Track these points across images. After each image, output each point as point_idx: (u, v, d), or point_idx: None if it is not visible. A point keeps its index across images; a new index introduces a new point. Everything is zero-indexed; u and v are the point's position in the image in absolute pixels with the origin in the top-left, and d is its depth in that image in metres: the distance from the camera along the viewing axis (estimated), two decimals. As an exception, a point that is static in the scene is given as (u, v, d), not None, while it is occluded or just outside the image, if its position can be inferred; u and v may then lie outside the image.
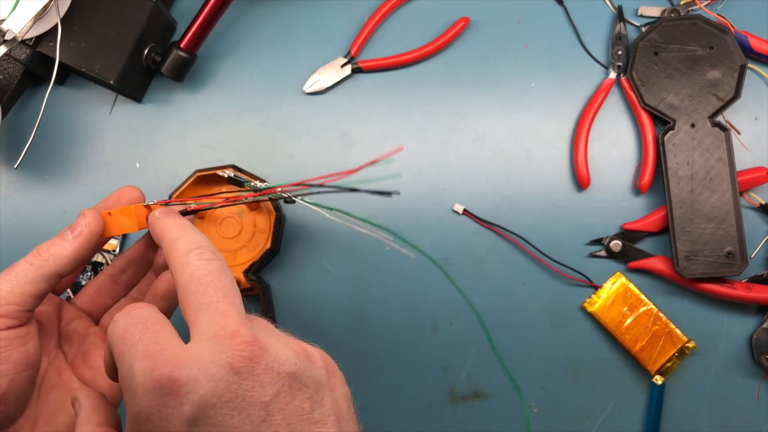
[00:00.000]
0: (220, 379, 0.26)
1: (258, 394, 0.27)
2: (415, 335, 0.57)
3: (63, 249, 0.36)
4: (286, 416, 0.27)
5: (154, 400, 0.25)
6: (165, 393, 0.25)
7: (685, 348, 0.55)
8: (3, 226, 0.58)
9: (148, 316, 0.29)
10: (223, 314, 0.28)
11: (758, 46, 0.56)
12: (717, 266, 0.54)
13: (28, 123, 0.58)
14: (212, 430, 0.25)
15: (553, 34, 0.59)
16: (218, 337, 0.27)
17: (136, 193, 0.40)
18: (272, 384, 0.27)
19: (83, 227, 0.37)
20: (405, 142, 0.58)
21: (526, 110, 0.58)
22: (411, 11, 0.59)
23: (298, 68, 0.59)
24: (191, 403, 0.25)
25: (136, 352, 0.27)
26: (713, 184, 0.54)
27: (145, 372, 0.26)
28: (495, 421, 0.57)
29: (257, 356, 0.27)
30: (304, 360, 0.29)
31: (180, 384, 0.26)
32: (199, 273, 0.30)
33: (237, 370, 0.27)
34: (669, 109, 0.56)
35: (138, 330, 0.28)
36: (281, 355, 0.28)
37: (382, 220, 0.57)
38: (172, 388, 0.26)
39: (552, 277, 0.57)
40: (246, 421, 0.26)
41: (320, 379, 0.30)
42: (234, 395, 0.26)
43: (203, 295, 0.29)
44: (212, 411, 0.26)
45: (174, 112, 0.59)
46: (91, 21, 0.53)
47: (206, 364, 0.26)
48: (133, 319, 0.29)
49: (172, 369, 0.26)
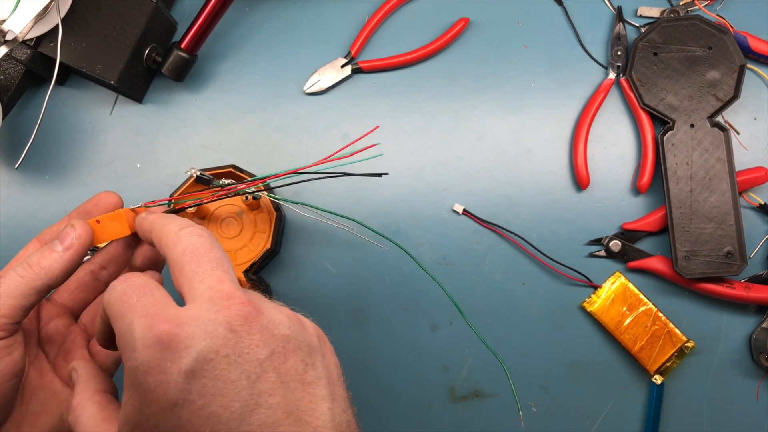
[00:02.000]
0: (218, 336, 0.27)
1: (254, 351, 0.27)
2: (414, 335, 0.57)
3: (54, 262, 0.36)
4: (280, 375, 0.28)
5: (154, 354, 0.26)
6: (164, 347, 0.26)
7: (685, 348, 0.55)
8: (3, 226, 0.58)
9: (145, 282, 0.30)
10: (218, 280, 0.29)
11: (757, 46, 0.56)
12: (716, 266, 0.54)
13: (29, 123, 0.58)
14: (209, 383, 0.26)
15: (553, 34, 0.59)
16: (214, 299, 0.28)
17: (114, 198, 0.40)
18: (267, 344, 0.28)
19: (74, 239, 0.36)
20: (405, 142, 0.58)
21: (525, 110, 0.58)
22: (411, 12, 0.60)
23: (299, 69, 0.59)
24: (189, 357, 0.26)
25: (135, 312, 0.27)
26: (712, 184, 0.55)
27: (144, 328, 0.27)
28: (495, 421, 0.57)
29: (253, 316, 0.28)
30: (297, 324, 0.30)
31: (179, 339, 0.26)
32: (192, 246, 0.31)
33: (233, 328, 0.27)
34: (668, 110, 0.56)
35: (135, 293, 0.29)
36: (275, 317, 0.29)
37: (382, 220, 0.58)
38: (171, 343, 0.26)
39: (551, 276, 0.57)
40: (242, 376, 0.27)
41: (312, 343, 0.30)
42: (231, 351, 0.27)
43: (198, 264, 0.30)
44: (210, 365, 0.26)
45: (174, 113, 0.59)
46: (92, 21, 0.53)
47: (204, 322, 0.27)
48: (131, 285, 0.29)
49: (171, 326, 0.26)
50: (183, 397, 0.26)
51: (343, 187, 0.58)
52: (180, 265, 0.30)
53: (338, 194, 0.58)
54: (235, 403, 0.26)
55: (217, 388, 0.26)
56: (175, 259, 0.31)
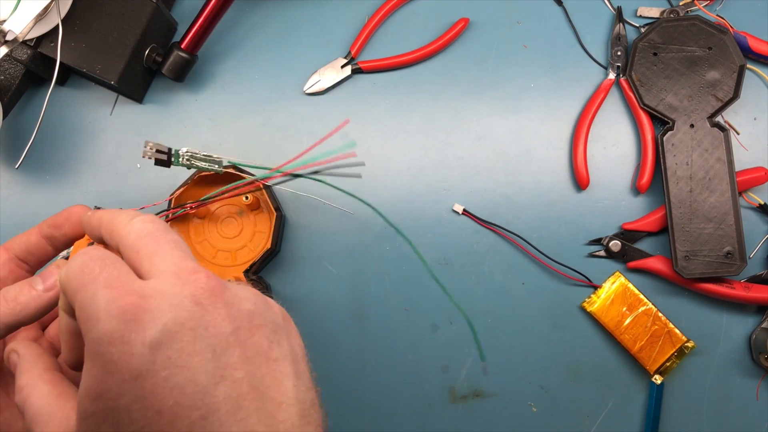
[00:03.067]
0: (183, 309, 0.27)
1: (219, 325, 0.27)
2: (414, 335, 0.57)
3: (32, 300, 0.34)
4: (245, 350, 0.28)
5: (118, 325, 0.26)
6: (129, 319, 0.26)
7: (685, 347, 0.56)
8: (3, 226, 0.58)
9: (105, 254, 0.29)
10: (180, 258, 0.29)
11: (757, 46, 0.56)
12: (716, 266, 0.54)
13: (29, 123, 0.58)
14: (174, 355, 0.26)
15: (553, 34, 0.59)
16: (179, 274, 0.28)
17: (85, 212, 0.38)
18: (233, 318, 0.28)
19: (56, 282, 0.35)
20: (405, 142, 0.58)
21: (525, 111, 0.59)
22: (411, 12, 0.60)
23: (299, 69, 0.59)
24: (155, 329, 0.26)
25: (99, 284, 0.27)
26: (712, 184, 0.55)
27: (109, 300, 0.26)
28: (494, 421, 0.57)
29: (219, 290, 0.28)
30: (262, 302, 0.30)
31: (144, 311, 0.26)
32: (147, 231, 0.30)
33: (199, 301, 0.27)
34: (668, 110, 0.56)
35: (97, 266, 0.28)
36: (241, 293, 0.29)
37: (382, 219, 0.58)
38: (137, 314, 0.26)
39: (551, 276, 0.57)
40: (207, 349, 0.26)
41: (277, 321, 0.30)
42: (197, 324, 0.27)
43: (156, 245, 0.29)
44: (175, 337, 0.26)
45: (175, 113, 0.59)
46: (92, 22, 0.53)
47: (170, 295, 0.27)
48: (91, 257, 0.28)
49: (137, 298, 0.26)
50: (147, 368, 0.25)
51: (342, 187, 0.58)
52: (136, 249, 0.30)
53: (338, 194, 0.58)
54: (200, 375, 0.26)
55: (181, 360, 0.26)
56: (130, 244, 0.30)
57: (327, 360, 0.56)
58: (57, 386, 0.30)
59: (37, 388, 0.30)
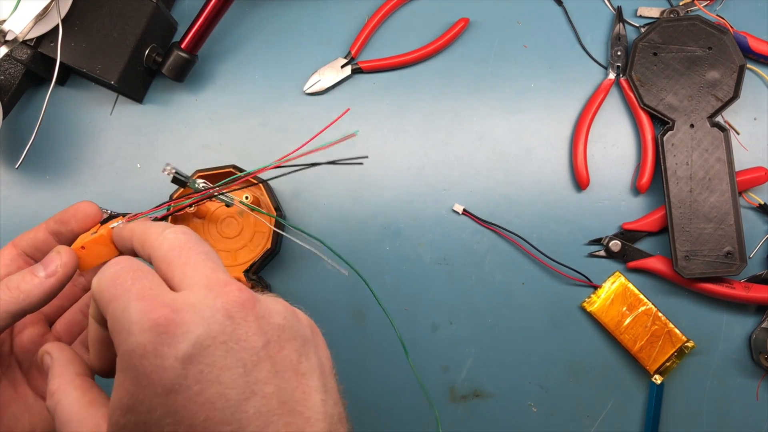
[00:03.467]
0: (215, 322, 0.27)
1: (251, 339, 0.27)
2: (414, 335, 0.57)
3: (34, 287, 0.34)
4: (275, 364, 0.28)
5: (151, 338, 0.26)
6: (161, 332, 0.26)
7: (684, 347, 0.56)
8: (3, 226, 0.58)
9: (138, 265, 0.29)
10: (212, 270, 0.29)
11: (757, 46, 0.56)
12: (716, 266, 0.54)
13: (29, 123, 0.58)
14: (205, 369, 0.26)
15: (553, 34, 0.59)
16: (211, 286, 0.28)
17: (93, 210, 0.38)
18: (264, 332, 0.28)
19: (58, 267, 0.35)
20: (405, 142, 0.58)
21: (525, 111, 0.59)
22: (411, 12, 0.60)
23: (299, 69, 0.59)
24: (187, 342, 0.26)
25: (131, 295, 0.27)
26: (712, 184, 0.55)
27: (141, 312, 0.26)
28: (494, 421, 0.57)
29: (250, 303, 0.28)
30: (292, 315, 0.30)
31: (177, 324, 0.26)
32: (179, 242, 0.30)
33: (231, 314, 0.27)
34: (668, 110, 0.56)
35: (129, 277, 0.28)
36: (272, 306, 0.29)
37: (382, 219, 0.58)
38: (169, 327, 0.26)
39: (551, 276, 0.57)
40: (238, 363, 0.26)
41: (306, 335, 0.30)
42: (228, 338, 0.27)
43: (188, 256, 0.29)
44: (207, 351, 0.26)
45: (175, 113, 0.59)
46: (92, 21, 0.53)
47: (201, 308, 0.27)
48: (123, 268, 0.28)
49: (169, 311, 0.26)
50: (179, 383, 0.25)
51: (342, 187, 0.58)
52: (168, 260, 0.30)
53: (338, 194, 0.58)
54: (231, 390, 0.26)
55: (213, 374, 0.26)
56: (162, 256, 0.30)
57: (327, 360, 0.56)
58: (88, 393, 0.30)
59: (68, 393, 0.30)
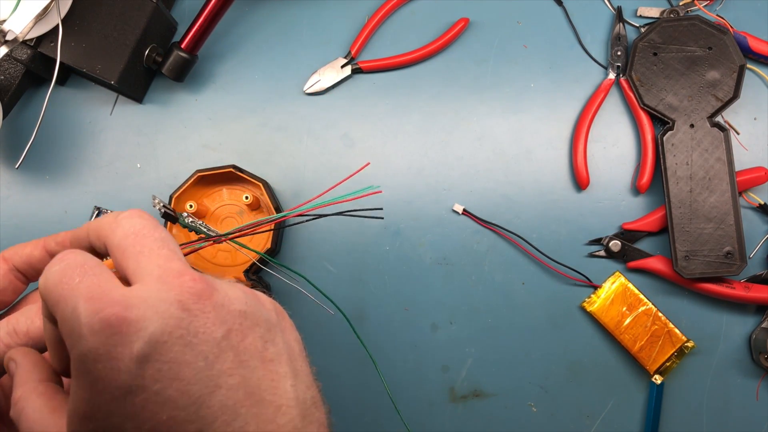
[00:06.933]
0: (170, 316, 0.25)
1: (209, 330, 0.26)
2: (414, 335, 0.57)
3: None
4: (238, 354, 0.26)
5: (102, 340, 0.24)
6: (113, 332, 0.24)
7: (684, 347, 0.56)
8: (3, 226, 0.58)
9: (84, 260, 0.27)
10: (166, 258, 0.27)
11: (757, 46, 0.56)
12: (716, 266, 0.54)
13: (29, 123, 0.58)
14: (164, 367, 0.25)
15: (553, 34, 0.59)
16: (164, 278, 0.26)
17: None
18: (223, 322, 0.26)
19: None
20: (405, 142, 0.58)
21: (525, 111, 0.58)
22: (411, 12, 0.60)
23: (299, 69, 0.59)
24: (142, 341, 0.24)
25: (79, 295, 0.25)
26: (712, 184, 0.55)
27: (90, 313, 0.25)
28: (494, 421, 0.57)
29: (206, 293, 0.26)
30: (253, 300, 0.29)
31: (129, 323, 0.24)
32: (133, 228, 0.28)
33: (186, 306, 0.26)
34: (668, 110, 0.56)
35: (76, 274, 0.26)
36: (230, 294, 0.28)
37: (382, 220, 0.58)
38: (121, 327, 0.24)
39: (551, 276, 0.57)
40: (198, 357, 0.25)
41: (271, 319, 0.29)
42: (185, 332, 0.25)
43: (142, 245, 0.28)
44: (163, 348, 0.25)
45: (175, 113, 0.59)
46: (92, 21, 0.53)
47: (154, 302, 0.25)
48: (69, 264, 0.27)
49: (120, 309, 0.25)
50: (136, 384, 0.24)
51: (342, 187, 0.58)
52: (122, 249, 0.28)
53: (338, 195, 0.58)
54: (193, 386, 0.25)
55: (172, 371, 0.25)
56: (116, 244, 0.28)
57: (327, 360, 0.56)
58: (51, 399, 0.29)
59: (31, 401, 0.29)
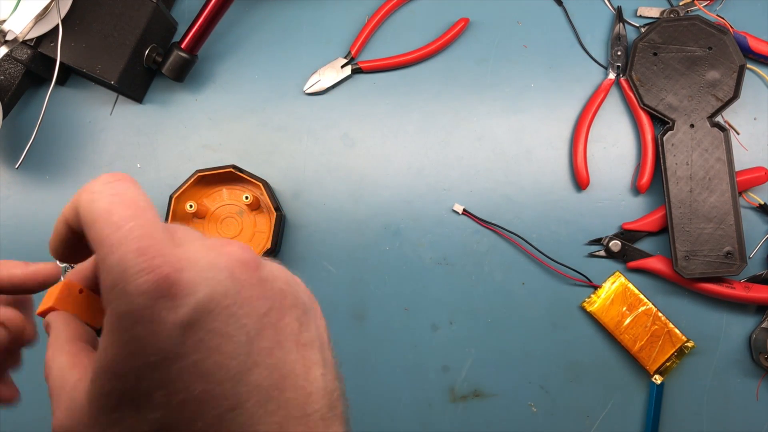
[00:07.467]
0: (219, 284, 0.24)
1: (254, 305, 0.24)
2: (414, 335, 0.57)
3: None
4: (277, 332, 0.25)
5: (148, 302, 0.23)
6: (161, 295, 0.23)
7: (684, 347, 0.56)
8: (3, 226, 0.58)
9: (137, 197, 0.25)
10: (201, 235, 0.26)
11: (757, 46, 0.56)
12: (716, 266, 0.54)
13: (29, 123, 0.58)
14: (206, 337, 0.23)
15: (553, 34, 0.59)
16: (212, 245, 0.25)
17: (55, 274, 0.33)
18: (267, 297, 0.25)
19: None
20: (405, 142, 0.58)
21: (525, 110, 0.58)
22: (411, 12, 0.60)
23: (299, 69, 0.59)
24: (188, 307, 0.23)
25: (129, 244, 0.23)
26: (712, 184, 0.55)
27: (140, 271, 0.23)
28: (494, 421, 0.57)
29: (254, 264, 0.25)
30: (293, 281, 0.27)
31: (179, 286, 0.23)
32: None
33: (235, 275, 0.24)
34: (668, 110, 0.56)
35: (128, 214, 0.24)
36: (274, 270, 0.26)
37: (382, 219, 0.58)
38: (171, 290, 0.23)
39: (551, 276, 0.57)
40: (241, 331, 0.24)
41: (307, 303, 0.28)
42: (232, 302, 0.24)
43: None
44: (209, 317, 0.23)
45: (175, 113, 0.59)
46: (92, 22, 0.53)
47: (204, 266, 0.24)
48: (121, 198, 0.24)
49: (172, 270, 0.23)
50: (175, 351, 0.23)
51: (342, 187, 0.58)
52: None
53: (338, 195, 0.58)
54: (232, 360, 0.23)
55: (214, 342, 0.23)
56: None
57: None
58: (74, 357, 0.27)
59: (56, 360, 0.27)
